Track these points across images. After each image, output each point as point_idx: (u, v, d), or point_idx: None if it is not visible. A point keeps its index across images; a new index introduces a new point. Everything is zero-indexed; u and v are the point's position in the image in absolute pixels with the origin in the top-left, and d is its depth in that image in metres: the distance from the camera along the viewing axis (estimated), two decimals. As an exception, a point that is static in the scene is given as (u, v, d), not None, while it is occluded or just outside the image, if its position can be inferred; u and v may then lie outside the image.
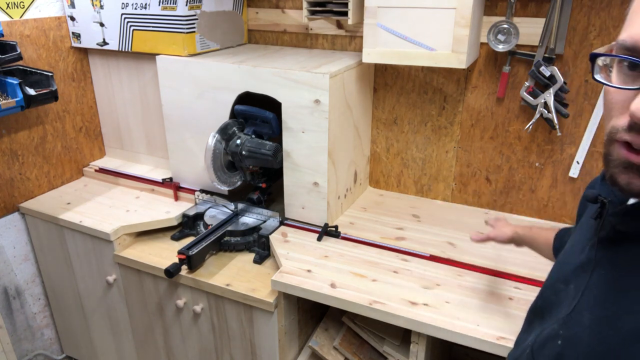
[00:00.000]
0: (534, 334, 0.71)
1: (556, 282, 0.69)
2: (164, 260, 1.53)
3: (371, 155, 1.85)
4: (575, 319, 0.60)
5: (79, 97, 1.94)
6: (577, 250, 0.66)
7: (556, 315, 0.65)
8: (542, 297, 0.74)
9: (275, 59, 1.60)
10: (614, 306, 0.54)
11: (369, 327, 1.42)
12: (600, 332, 0.55)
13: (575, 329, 0.59)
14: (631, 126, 0.46)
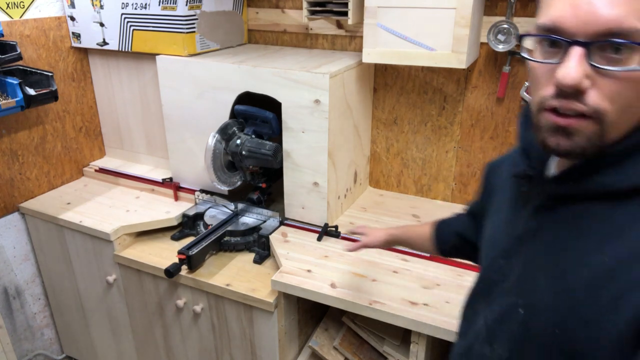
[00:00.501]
0: (482, 316, 0.73)
1: (496, 259, 0.71)
2: (164, 260, 1.53)
3: (371, 155, 1.85)
4: (531, 285, 0.63)
5: (79, 97, 1.94)
6: (510, 225, 0.70)
7: (504, 290, 0.68)
8: (482, 280, 0.76)
9: (275, 59, 1.60)
10: (567, 263, 0.59)
11: (369, 327, 1.42)
12: (560, 290, 0.59)
13: (534, 295, 0.62)
14: (557, 93, 0.54)
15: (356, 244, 1.15)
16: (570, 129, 0.55)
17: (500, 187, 0.82)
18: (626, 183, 0.55)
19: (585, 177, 0.58)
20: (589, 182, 0.58)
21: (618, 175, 0.56)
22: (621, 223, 0.55)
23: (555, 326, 0.59)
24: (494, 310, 0.70)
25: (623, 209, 0.56)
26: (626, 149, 0.55)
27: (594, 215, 0.58)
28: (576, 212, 0.60)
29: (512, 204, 0.73)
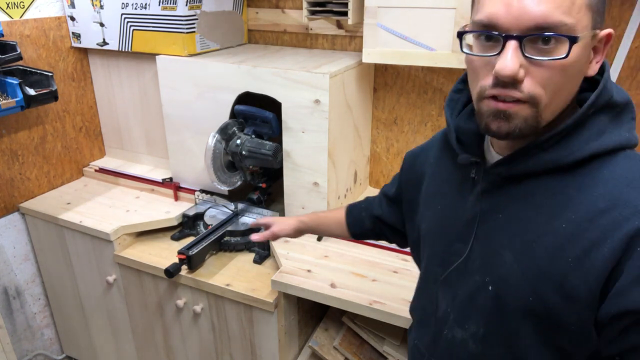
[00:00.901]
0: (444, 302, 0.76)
1: (452, 243, 0.75)
2: (164, 260, 1.53)
3: (371, 155, 1.85)
4: (498, 261, 0.67)
5: (79, 97, 1.94)
6: (458, 211, 0.74)
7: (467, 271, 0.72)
8: (437, 267, 0.78)
9: (275, 59, 1.60)
10: (528, 234, 0.64)
11: (369, 327, 1.42)
12: (527, 259, 0.64)
13: (502, 270, 0.67)
14: (496, 83, 0.60)
15: (265, 233, 1.12)
16: (509, 112, 0.61)
17: (431, 175, 0.85)
18: (570, 157, 0.62)
19: (533, 156, 0.64)
20: (537, 160, 0.64)
21: (561, 151, 0.62)
22: (571, 192, 0.62)
23: (528, 295, 0.64)
24: (460, 292, 0.73)
25: (570, 180, 0.62)
26: (567, 127, 0.61)
27: (545, 190, 0.64)
28: (528, 188, 0.66)
29: (455, 189, 0.77)
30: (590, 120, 0.62)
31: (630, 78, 1.39)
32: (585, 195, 0.61)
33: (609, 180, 0.60)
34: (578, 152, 0.62)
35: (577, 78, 0.62)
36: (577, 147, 0.62)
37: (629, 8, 1.31)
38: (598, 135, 0.62)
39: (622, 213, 0.57)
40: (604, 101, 0.62)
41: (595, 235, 0.58)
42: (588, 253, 0.58)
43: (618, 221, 0.57)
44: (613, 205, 0.58)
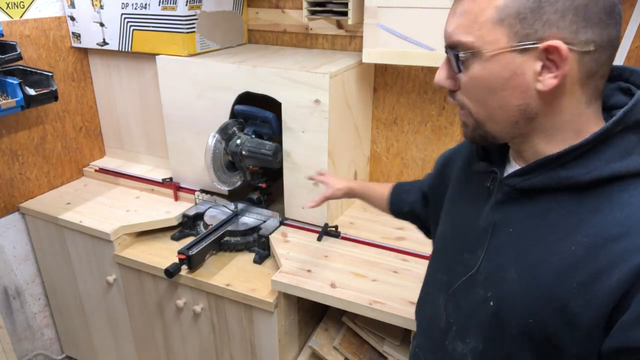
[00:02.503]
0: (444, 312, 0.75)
1: (461, 252, 0.74)
2: (164, 260, 1.53)
3: (371, 155, 1.85)
4: (501, 277, 0.66)
5: (79, 97, 1.94)
6: (472, 220, 0.73)
7: (471, 283, 0.70)
8: (441, 274, 0.78)
9: (275, 59, 1.60)
10: (536, 253, 0.62)
11: (369, 327, 1.42)
12: (532, 279, 0.61)
13: (504, 287, 0.65)
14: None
15: (319, 198, 1.21)
16: (462, 119, 0.68)
17: (455, 180, 0.84)
18: (587, 176, 0.58)
19: (549, 171, 0.61)
20: (554, 175, 0.61)
21: (580, 168, 0.59)
22: (585, 214, 0.59)
23: (528, 316, 0.62)
24: (462, 305, 0.72)
25: (586, 200, 0.59)
26: (586, 143, 0.59)
27: (559, 207, 0.61)
28: (542, 204, 0.63)
29: (472, 198, 0.75)
30: (616, 138, 0.58)
31: (630, 78, 1.39)
32: (599, 219, 0.57)
33: (627, 205, 0.56)
34: (596, 171, 0.58)
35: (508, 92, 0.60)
36: (597, 166, 0.58)
37: (629, 8, 1.31)
38: (623, 155, 0.58)
39: (635, 242, 0.54)
40: (635, 119, 0.58)
41: (604, 263, 0.55)
42: (594, 281, 0.55)
43: (629, 251, 0.54)
44: (626, 233, 0.54)
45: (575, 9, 0.56)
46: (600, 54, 0.58)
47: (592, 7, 0.56)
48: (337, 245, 1.50)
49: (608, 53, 0.59)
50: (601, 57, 0.58)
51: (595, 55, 0.58)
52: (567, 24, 0.56)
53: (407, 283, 1.31)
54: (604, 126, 0.58)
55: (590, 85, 0.60)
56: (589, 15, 0.56)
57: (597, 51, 0.58)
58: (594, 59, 0.58)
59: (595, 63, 0.58)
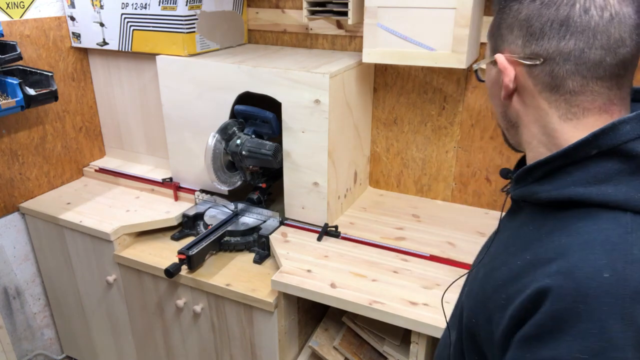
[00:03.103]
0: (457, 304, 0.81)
1: (478, 255, 0.78)
2: (164, 260, 1.53)
3: (371, 155, 1.85)
4: (474, 276, 0.70)
5: (79, 97, 1.94)
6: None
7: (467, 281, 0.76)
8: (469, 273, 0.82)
9: (275, 59, 1.60)
10: (498, 260, 0.64)
11: (369, 327, 1.42)
12: (484, 283, 0.64)
13: (472, 285, 0.69)
14: None
15: None
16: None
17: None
18: (546, 194, 0.58)
19: (527, 184, 0.62)
20: (526, 189, 0.62)
21: (546, 185, 0.59)
22: (542, 233, 0.58)
23: (472, 316, 0.65)
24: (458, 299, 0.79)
25: (548, 220, 0.58)
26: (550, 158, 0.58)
27: (531, 222, 0.61)
28: (523, 217, 0.64)
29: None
30: (591, 162, 0.55)
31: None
32: (548, 241, 0.56)
33: (575, 233, 0.54)
34: (556, 191, 0.57)
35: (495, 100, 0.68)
36: (559, 186, 0.57)
37: (629, 8, 1.31)
38: (590, 181, 0.55)
39: (552, 267, 0.52)
40: (610, 144, 0.54)
41: (525, 283, 0.54)
42: (512, 298, 0.55)
43: (543, 274, 0.52)
44: (554, 259, 0.53)
45: (519, 23, 0.59)
46: (552, 67, 0.57)
47: (535, 21, 0.57)
48: (337, 245, 1.50)
49: (568, 67, 0.56)
50: (557, 71, 0.57)
51: (545, 68, 0.57)
52: (514, 38, 0.60)
53: (407, 283, 1.31)
54: (569, 145, 0.56)
55: (560, 100, 0.58)
56: (532, 29, 0.57)
57: (546, 64, 0.57)
58: (545, 72, 0.58)
59: (549, 76, 0.58)
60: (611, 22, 0.54)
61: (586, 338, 0.47)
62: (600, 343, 0.47)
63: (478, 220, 1.63)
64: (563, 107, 0.59)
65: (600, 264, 0.49)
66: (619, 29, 0.55)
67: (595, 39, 0.55)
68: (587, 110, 0.58)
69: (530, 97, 0.61)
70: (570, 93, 0.58)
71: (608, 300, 0.47)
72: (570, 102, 0.58)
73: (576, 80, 0.57)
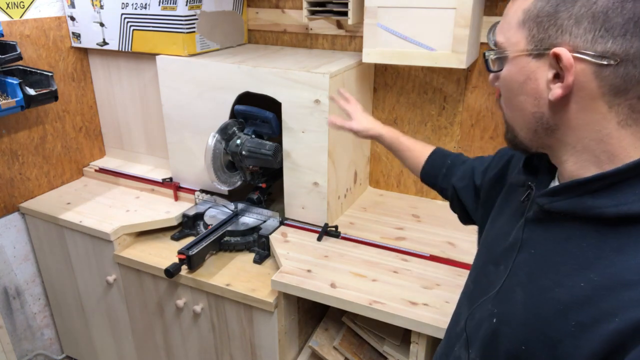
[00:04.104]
0: (463, 319, 0.74)
1: (486, 264, 0.72)
2: (164, 260, 1.53)
3: (371, 155, 1.85)
4: (508, 296, 0.63)
5: (79, 97, 1.94)
6: (505, 233, 0.69)
7: (487, 297, 0.68)
8: (474, 281, 0.76)
9: (275, 59, 1.60)
10: (545, 280, 0.58)
11: (369, 327, 1.42)
12: (533, 307, 0.58)
13: (508, 306, 0.62)
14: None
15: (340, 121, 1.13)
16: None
17: (508, 185, 0.81)
18: (614, 209, 0.53)
19: (577, 196, 0.57)
20: (580, 202, 0.56)
21: (609, 200, 0.54)
22: (606, 251, 0.53)
23: (522, 342, 0.59)
24: (475, 316, 0.70)
25: (611, 236, 0.54)
26: (617, 171, 0.54)
27: (582, 238, 0.56)
28: (566, 231, 0.58)
29: (512, 211, 0.73)
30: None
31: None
32: (619, 260, 0.52)
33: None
34: (625, 206, 0.52)
35: (524, 97, 0.59)
36: (628, 201, 0.52)
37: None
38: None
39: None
40: None
41: (608, 308, 0.50)
42: (594, 324, 0.51)
43: (636, 300, 0.48)
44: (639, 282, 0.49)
45: (592, 16, 0.52)
46: (628, 69, 0.52)
47: (615, 16, 0.51)
48: (337, 245, 1.50)
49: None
50: (632, 73, 0.52)
51: (619, 69, 0.52)
52: (582, 32, 0.52)
53: (407, 283, 1.31)
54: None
55: (624, 104, 0.54)
56: (610, 24, 0.51)
57: (621, 65, 0.52)
58: (618, 74, 0.52)
59: (621, 79, 0.52)
60: None
61: None
62: None
63: (478, 220, 1.63)
64: (625, 112, 0.54)
65: None
66: None
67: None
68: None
69: (589, 99, 0.54)
70: (638, 98, 0.53)
71: None
72: (634, 107, 0.54)
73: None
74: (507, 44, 0.60)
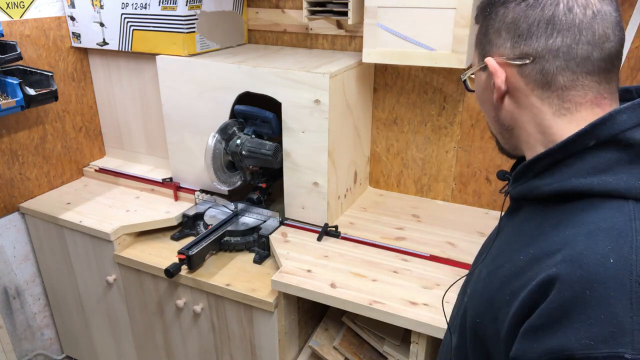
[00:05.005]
0: (457, 306, 0.80)
1: (479, 257, 0.78)
2: (164, 260, 1.53)
3: (371, 155, 1.85)
4: (477, 276, 0.70)
5: (79, 97, 1.94)
6: (494, 227, 0.76)
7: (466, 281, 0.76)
8: (469, 274, 0.81)
9: (275, 59, 1.60)
10: (501, 259, 0.64)
11: (369, 327, 1.42)
12: (488, 282, 0.64)
13: (475, 285, 0.69)
14: None
15: None
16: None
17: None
18: (548, 187, 0.59)
19: (528, 180, 0.63)
20: (528, 185, 0.62)
21: (547, 179, 0.59)
22: (546, 227, 0.58)
23: (477, 315, 0.65)
24: (460, 301, 0.77)
25: (550, 214, 0.59)
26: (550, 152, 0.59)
27: (532, 218, 0.62)
28: (524, 214, 0.65)
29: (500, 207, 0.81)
30: (589, 153, 0.56)
31: (630, 78, 1.39)
32: (553, 234, 0.56)
33: (579, 224, 0.54)
34: (557, 183, 0.58)
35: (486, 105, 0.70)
36: (560, 179, 0.58)
37: (629, 8, 1.31)
38: (591, 172, 0.56)
39: (557, 257, 0.52)
40: (609, 134, 0.55)
41: (530, 275, 0.54)
42: (519, 292, 0.55)
43: (549, 265, 0.53)
44: (559, 249, 0.53)
45: (506, 27, 0.62)
46: (542, 64, 0.59)
47: (521, 23, 0.60)
48: (337, 245, 1.50)
49: (558, 63, 0.58)
50: (547, 68, 0.59)
51: (536, 66, 0.60)
52: (502, 41, 0.63)
53: (407, 283, 1.31)
54: (567, 137, 0.58)
55: (552, 96, 0.60)
56: (519, 30, 0.60)
57: (536, 62, 0.60)
58: (536, 70, 0.60)
59: (540, 74, 0.60)
60: (594, 19, 0.57)
61: (595, 324, 0.47)
62: (609, 328, 0.46)
63: (478, 220, 1.63)
64: (556, 103, 0.60)
65: (606, 251, 0.50)
66: (603, 25, 0.57)
67: (581, 35, 0.57)
68: (579, 105, 0.60)
69: (523, 97, 0.62)
70: (562, 89, 0.60)
71: (615, 285, 0.47)
72: (563, 97, 0.60)
73: (566, 76, 0.59)
74: (472, 65, 0.71)
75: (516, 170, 0.64)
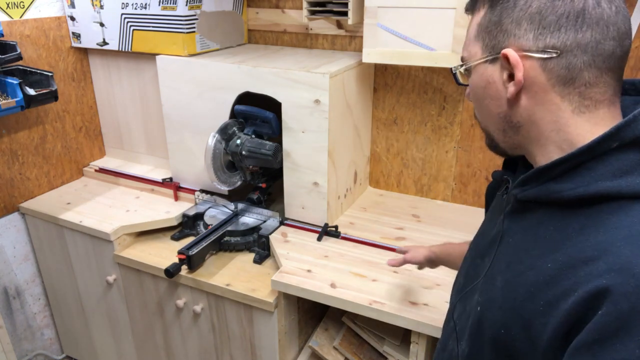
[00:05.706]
0: (453, 313, 0.77)
1: (474, 258, 0.76)
2: (164, 260, 1.53)
3: (371, 155, 1.85)
4: (490, 284, 0.66)
5: (79, 97, 1.94)
6: (490, 228, 0.73)
7: (473, 288, 0.72)
8: (464, 276, 0.79)
9: (275, 59, 1.60)
10: (519, 265, 0.61)
11: (369, 327, 1.42)
12: (509, 291, 0.61)
13: (490, 294, 0.66)
14: None
15: (398, 259, 1.13)
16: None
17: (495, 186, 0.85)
18: (572, 192, 0.56)
19: (542, 183, 0.60)
20: (544, 188, 0.60)
21: (568, 183, 0.57)
22: (570, 232, 0.56)
23: (501, 326, 0.62)
24: (467, 308, 0.74)
25: (574, 218, 0.57)
26: (572, 155, 0.57)
27: (549, 222, 0.60)
28: (536, 217, 0.62)
29: (495, 207, 0.77)
30: (611, 155, 0.55)
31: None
32: (581, 239, 0.54)
33: (611, 229, 0.52)
34: (582, 187, 0.55)
35: (488, 100, 0.65)
36: (584, 182, 0.56)
37: (629, 8, 1.32)
38: (616, 174, 0.54)
39: (600, 266, 0.51)
40: (632, 136, 0.54)
41: (569, 285, 0.53)
42: (558, 302, 0.53)
43: (593, 274, 0.51)
44: (598, 257, 0.51)
45: (529, 17, 0.58)
46: (569, 59, 0.57)
47: (548, 14, 0.57)
48: (337, 245, 1.50)
49: (585, 58, 0.56)
50: (574, 63, 0.57)
51: (561, 60, 0.57)
52: (523, 32, 0.59)
53: (407, 283, 1.31)
54: (592, 140, 0.55)
55: (574, 93, 0.58)
56: (545, 22, 0.57)
57: (562, 57, 0.57)
58: (561, 65, 0.57)
59: (565, 69, 0.57)
60: (618, 14, 0.56)
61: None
62: None
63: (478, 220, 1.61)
64: (576, 100, 0.58)
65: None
66: (624, 22, 0.57)
67: (608, 31, 0.56)
68: (599, 103, 0.58)
69: (542, 92, 0.59)
70: (585, 85, 0.58)
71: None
72: (584, 94, 0.58)
73: (592, 72, 0.57)
74: (468, 57, 0.67)
75: (529, 174, 0.61)
